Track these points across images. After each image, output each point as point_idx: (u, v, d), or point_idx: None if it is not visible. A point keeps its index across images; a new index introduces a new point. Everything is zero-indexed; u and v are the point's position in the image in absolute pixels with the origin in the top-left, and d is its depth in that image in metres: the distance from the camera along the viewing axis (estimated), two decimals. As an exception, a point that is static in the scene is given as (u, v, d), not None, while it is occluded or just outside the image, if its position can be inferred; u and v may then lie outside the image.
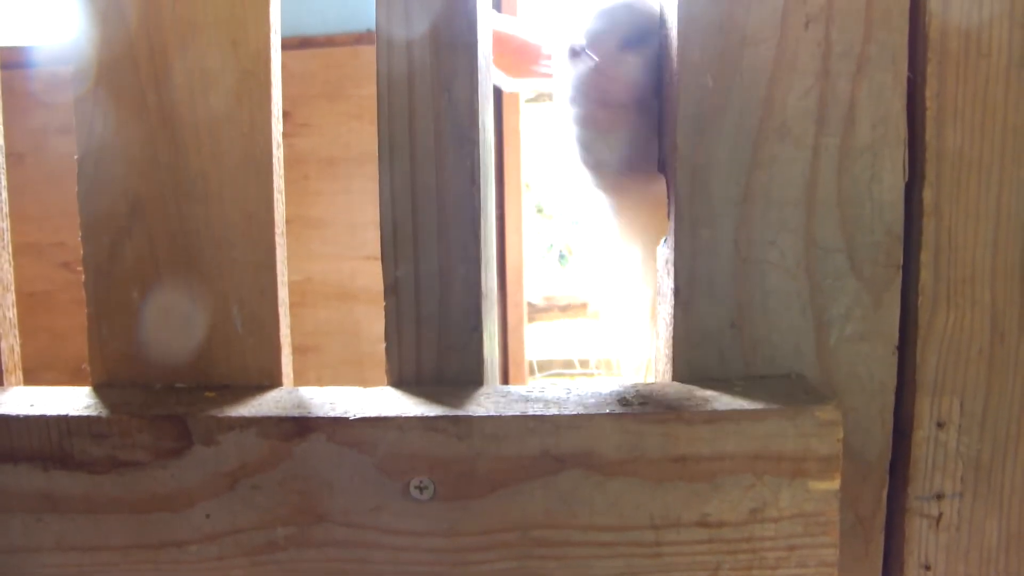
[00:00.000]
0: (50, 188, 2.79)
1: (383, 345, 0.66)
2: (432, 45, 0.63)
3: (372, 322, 2.88)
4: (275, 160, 0.66)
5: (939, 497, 0.63)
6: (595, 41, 0.77)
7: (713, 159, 0.61)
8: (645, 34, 0.75)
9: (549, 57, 1.35)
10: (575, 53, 0.79)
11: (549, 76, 1.37)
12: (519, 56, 1.42)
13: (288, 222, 0.70)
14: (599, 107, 0.79)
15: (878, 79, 0.61)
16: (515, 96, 3.01)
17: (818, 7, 0.60)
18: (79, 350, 0.70)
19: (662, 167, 0.67)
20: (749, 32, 0.61)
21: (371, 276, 2.86)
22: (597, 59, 0.77)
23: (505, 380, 3.03)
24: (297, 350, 2.79)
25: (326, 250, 2.87)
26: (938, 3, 0.60)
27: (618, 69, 0.76)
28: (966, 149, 0.61)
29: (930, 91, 0.61)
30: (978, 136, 0.61)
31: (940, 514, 0.63)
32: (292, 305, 0.71)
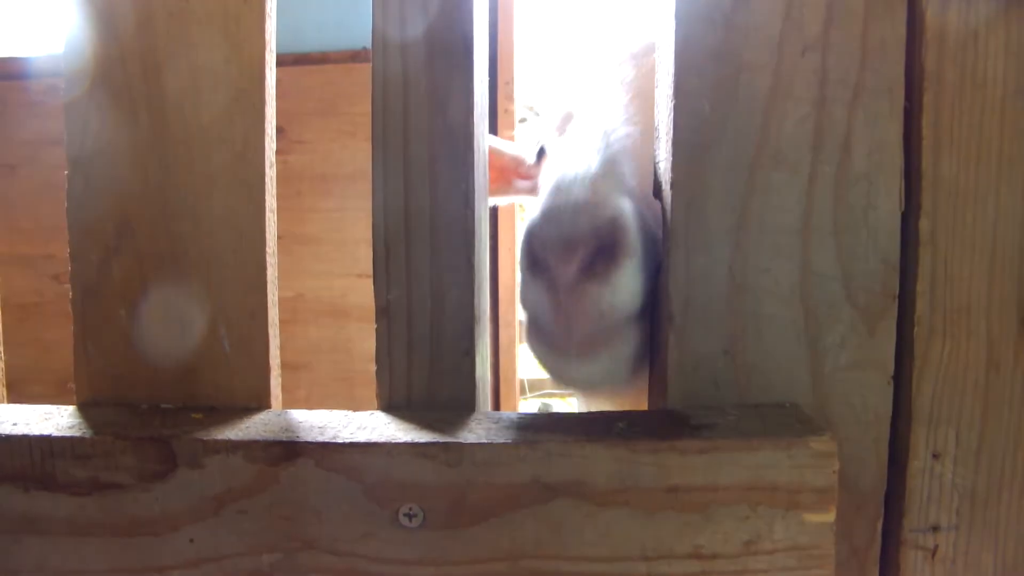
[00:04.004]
0: (42, 200, 2.78)
1: (374, 364, 0.65)
2: (427, 66, 0.63)
3: (364, 340, 2.86)
4: (267, 179, 0.65)
5: (935, 529, 0.62)
6: (549, 260, 0.63)
7: (708, 186, 0.61)
8: (617, 241, 0.62)
9: (530, 176, 1.30)
10: (534, 263, 0.65)
11: (530, 192, 1.33)
12: (498, 173, 1.34)
13: (280, 239, 0.69)
14: (564, 340, 0.65)
15: (874, 107, 0.61)
16: (509, 114, 3.02)
17: (814, 35, 0.60)
18: (67, 363, 0.69)
19: (656, 192, 0.66)
20: (746, 59, 0.60)
21: (363, 294, 2.85)
22: (550, 292, 0.64)
23: (496, 399, 3.02)
24: (288, 367, 2.78)
25: (318, 267, 2.86)
26: (934, 33, 0.60)
27: (581, 302, 0.63)
28: (962, 179, 0.61)
29: (926, 120, 0.61)
30: (974, 166, 0.61)
31: (936, 547, 0.63)
32: (284, 322, 0.70)
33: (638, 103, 0.83)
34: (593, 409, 0.73)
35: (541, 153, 1.18)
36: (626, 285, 0.63)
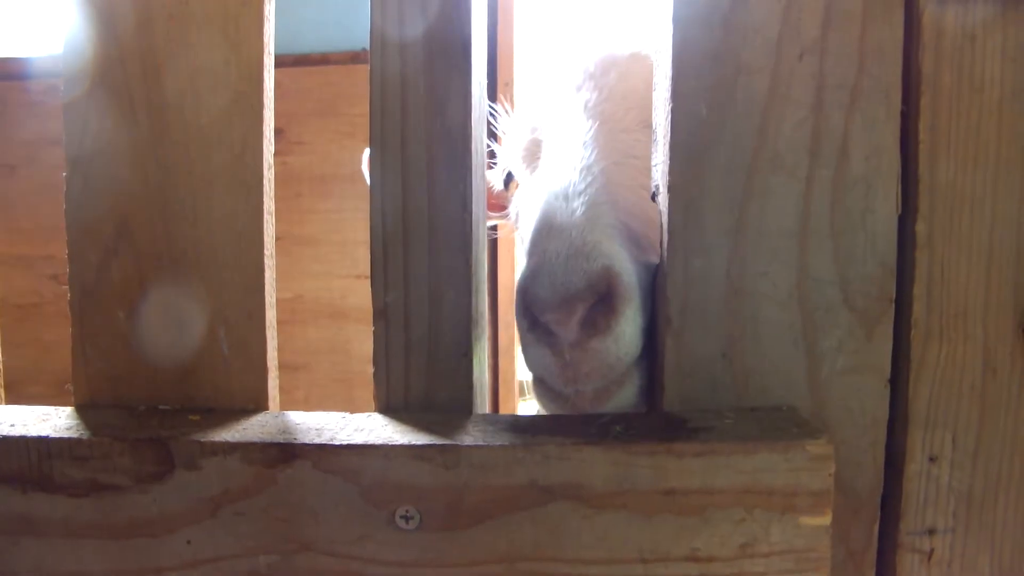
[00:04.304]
0: (42, 200, 2.78)
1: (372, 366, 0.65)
2: (426, 67, 0.63)
3: (362, 341, 2.86)
4: (266, 181, 0.65)
5: (931, 532, 0.62)
6: (550, 322, 0.63)
7: (706, 189, 0.61)
8: (613, 289, 0.63)
9: (503, 206, 1.31)
10: (534, 324, 0.66)
11: (502, 219, 1.35)
12: None
13: (280, 240, 0.69)
14: (575, 396, 0.67)
15: (871, 111, 0.61)
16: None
17: (812, 39, 0.60)
18: (66, 364, 0.69)
19: (654, 196, 0.66)
20: (744, 61, 0.61)
21: (362, 295, 2.85)
22: (553, 348, 0.64)
23: (495, 401, 3.01)
24: (287, 368, 2.78)
25: (317, 268, 2.86)
26: (931, 36, 0.61)
27: (588, 359, 0.64)
28: (959, 183, 0.61)
29: (923, 124, 0.61)
30: (971, 170, 0.61)
31: (932, 550, 0.63)
32: (282, 323, 0.70)
33: (605, 132, 0.85)
34: None
35: (508, 179, 1.18)
36: (630, 332, 0.64)
